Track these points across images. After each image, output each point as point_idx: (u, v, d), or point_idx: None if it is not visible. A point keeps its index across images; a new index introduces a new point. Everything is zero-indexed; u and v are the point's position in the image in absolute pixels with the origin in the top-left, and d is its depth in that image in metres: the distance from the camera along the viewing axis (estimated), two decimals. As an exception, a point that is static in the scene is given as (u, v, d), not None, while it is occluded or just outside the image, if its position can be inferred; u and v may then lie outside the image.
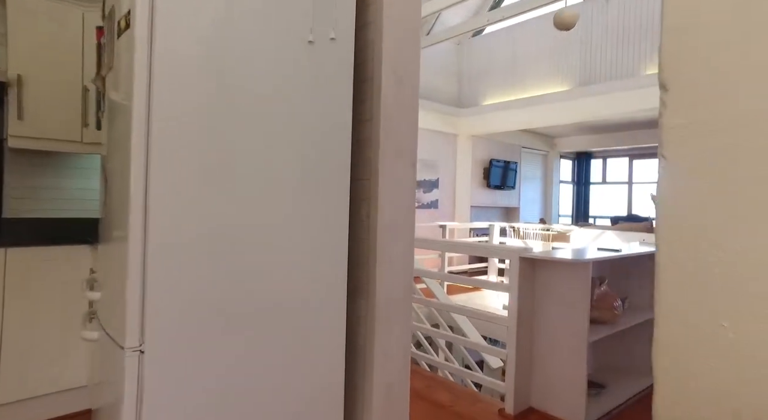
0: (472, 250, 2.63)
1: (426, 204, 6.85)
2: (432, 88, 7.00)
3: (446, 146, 7.22)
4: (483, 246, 2.59)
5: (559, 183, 9.62)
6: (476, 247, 2.67)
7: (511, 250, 2.39)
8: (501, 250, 2.52)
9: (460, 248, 2.78)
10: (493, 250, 2.55)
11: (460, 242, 2.67)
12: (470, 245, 2.75)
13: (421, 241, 3.07)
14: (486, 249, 2.63)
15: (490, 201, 8.14)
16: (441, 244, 3.05)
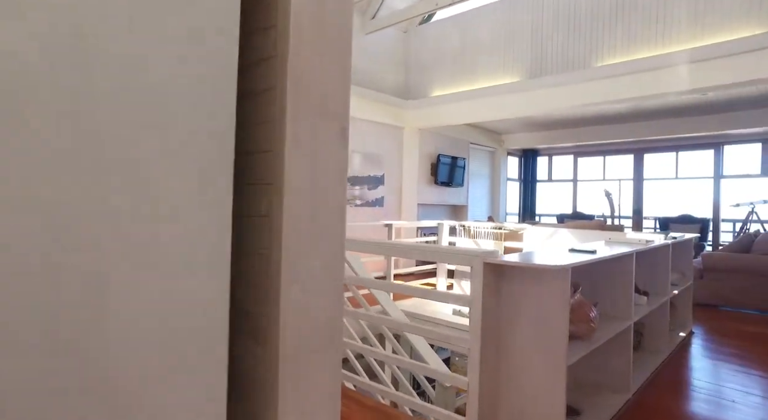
0: (426, 255, 2.16)
1: (370, 202, 6.35)
2: (377, 78, 6.52)
3: (392, 140, 6.76)
4: (439, 249, 2.13)
5: (507, 180, 9.49)
6: (431, 252, 2.19)
7: (472, 255, 1.93)
8: (460, 254, 2.05)
9: (412, 252, 2.27)
10: (451, 254, 2.07)
11: (413, 246, 2.16)
12: (424, 249, 2.27)
13: (364, 244, 2.55)
14: (443, 253, 2.15)
15: (437, 198, 7.78)
16: (389, 247, 2.54)
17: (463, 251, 2.01)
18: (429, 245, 3.38)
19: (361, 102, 6.17)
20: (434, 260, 2.06)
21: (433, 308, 4.79)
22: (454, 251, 2.06)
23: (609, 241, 3.03)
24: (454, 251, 2.06)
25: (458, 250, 2.01)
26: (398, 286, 3.06)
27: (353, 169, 6.10)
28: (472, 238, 5.49)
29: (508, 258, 1.93)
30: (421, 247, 2.23)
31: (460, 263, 2.02)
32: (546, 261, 1.92)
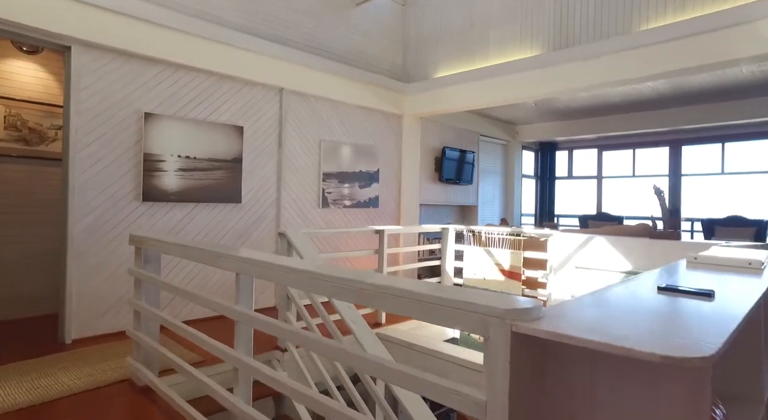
0: (374, 298, 1.17)
1: (362, 202, 5.37)
2: (370, 57, 5.54)
3: (388, 130, 5.77)
4: (416, 293, 1.15)
5: (522, 178, 8.45)
6: (389, 294, 1.19)
7: (485, 313, 0.94)
8: (456, 309, 1.04)
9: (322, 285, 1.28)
10: (439, 306, 1.04)
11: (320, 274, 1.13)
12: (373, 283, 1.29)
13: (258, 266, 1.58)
14: (425, 304, 1.12)
15: (443, 198, 6.78)
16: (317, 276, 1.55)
17: (460, 301, 1.01)
18: (388, 280, 2.29)
19: (351, 84, 5.20)
20: (405, 314, 1.08)
21: (430, 333, 3.80)
22: (443, 300, 1.05)
23: (694, 261, 2.02)
24: (443, 300, 1.05)
25: (452, 300, 1.01)
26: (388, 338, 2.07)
27: (341, 163, 5.13)
28: (483, 246, 4.49)
29: (564, 324, 0.93)
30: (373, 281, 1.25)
31: (459, 326, 1.00)
32: (646, 334, 0.91)
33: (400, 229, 4.35)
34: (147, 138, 3.63)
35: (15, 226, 3.95)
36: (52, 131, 4.10)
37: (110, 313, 3.51)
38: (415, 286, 1.13)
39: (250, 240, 4.34)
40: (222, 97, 4.13)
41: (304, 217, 4.79)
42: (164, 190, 3.73)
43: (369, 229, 3.98)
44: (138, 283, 2.55)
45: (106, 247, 3.48)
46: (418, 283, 1.19)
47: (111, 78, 3.49)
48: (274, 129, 4.53)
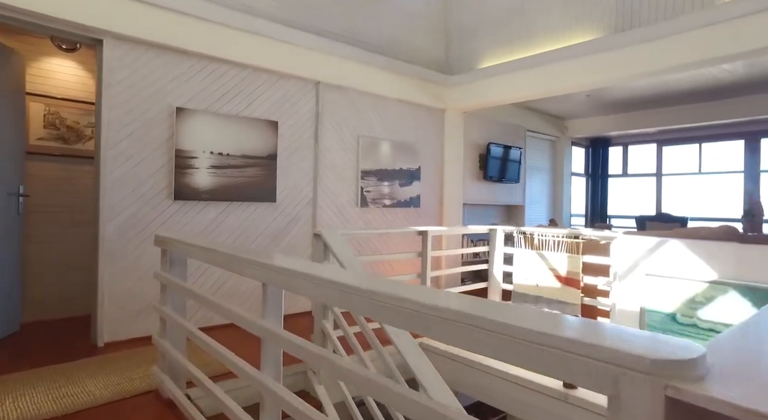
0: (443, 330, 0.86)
1: (403, 201, 5.08)
2: (411, 48, 5.23)
3: (430, 125, 5.45)
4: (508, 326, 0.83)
5: (571, 176, 7.90)
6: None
7: (620, 360, 0.62)
8: (572, 354, 0.71)
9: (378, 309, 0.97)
10: (544, 349, 0.70)
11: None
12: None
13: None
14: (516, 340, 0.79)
15: (487, 197, 6.38)
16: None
17: (575, 342, 0.68)
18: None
19: (391, 77, 4.91)
20: (487, 353, 0.77)
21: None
22: (549, 338, 0.73)
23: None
24: (549, 338, 0.73)
25: (562, 340, 0.68)
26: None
27: (381, 161, 4.85)
28: (536, 248, 4.09)
29: (754, 389, 0.59)
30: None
31: (567, 376, 0.62)
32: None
33: (444, 230, 4.03)
34: (178, 134, 3.48)
35: (52, 226, 3.90)
36: (88, 129, 4.04)
37: (142, 316, 3.38)
38: (507, 314, 0.80)
39: (285, 241, 4.13)
40: (256, 91, 3.94)
41: (342, 217, 4.54)
42: (196, 188, 3.57)
43: (411, 229, 3.68)
44: (164, 288, 2.36)
45: (138, 247, 3.35)
46: (507, 308, 0.87)
47: (143, 72, 3.36)
48: (310, 124, 4.30)
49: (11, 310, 3.45)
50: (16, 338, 3.38)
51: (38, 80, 3.83)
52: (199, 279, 3.64)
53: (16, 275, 3.49)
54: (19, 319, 3.53)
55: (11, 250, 3.42)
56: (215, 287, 3.73)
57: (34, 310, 3.79)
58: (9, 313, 3.43)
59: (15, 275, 3.48)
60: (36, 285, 3.81)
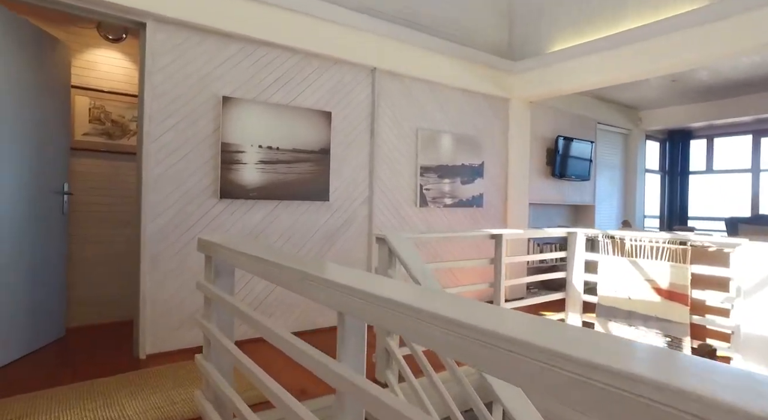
0: None
1: (465, 200, 4.59)
2: (471, 31, 4.73)
3: (493, 117, 4.93)
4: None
5: (645, 172, 7.11)
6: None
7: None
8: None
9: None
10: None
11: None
12: None
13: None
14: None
15: (555, 196, 5.77)
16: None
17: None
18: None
19: (452, 63, 4.43)
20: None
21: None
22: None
23: None
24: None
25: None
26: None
27: (441, 156, 4.39)
28: (627, 255, 3.49)
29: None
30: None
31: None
32: None
33: (520, 233, 3.51)
34: (225, 126, 3.16)
35: (98, 225, 3.71)
36: (133, 124, 3.82)
37: (186, 326, 3.08)
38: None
39: (338, 245, 3.75)
40: (307, 79, 3.58)
41: (400, 218, 4.11)
42: (243, 185, 3.24)
43: (484, 232, 3.19)
44: (208, 301, 2.00)
45: (181, 250, 3.06)
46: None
47: (187, 58, 3.07)
48: (365, 115, 3.90)
49: (58, 314, 3.26)
50: (62, 344, 3.18)
51: (84, 72, 3.64)
52: (248, 284, 3.31)
53: (63, 278, 3.30)
54: (63, 323, 3.34)
55: (58, 251, 3.22)
56: (265, 293, 3.39)
57: (78, 313, 3.60)
58: (56, 317, 3.24)
59: (62, 277, 3.28)
60: (81, 287, 3.61)
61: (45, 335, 3.12)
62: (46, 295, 3.10)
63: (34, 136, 2.97)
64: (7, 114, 2.73)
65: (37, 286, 3.01)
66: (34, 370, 2.72)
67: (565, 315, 3.89)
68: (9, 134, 2.75)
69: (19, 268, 2.85)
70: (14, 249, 2.81)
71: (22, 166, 2.86)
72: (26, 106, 2.89)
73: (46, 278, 3.10)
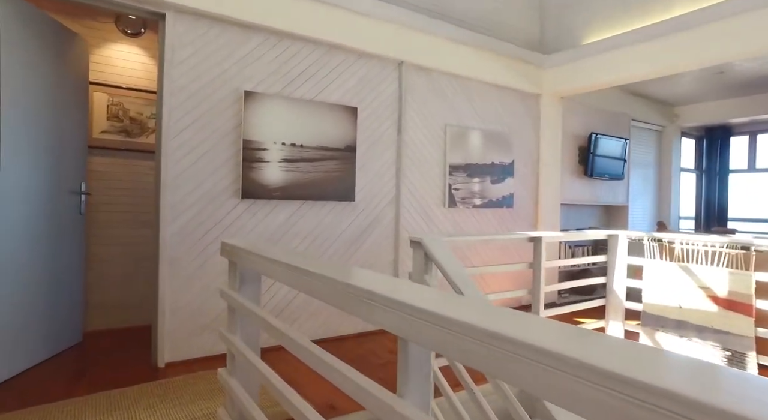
0: None
1: (494, 201, 4.35)
2: (500, 23, 4.50)
3: (524, 113, 4.69)
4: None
5: (680, 171, 6.77)
6: None
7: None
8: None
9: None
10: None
11: None
12: None
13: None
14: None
15: (587, 196, 5.49)
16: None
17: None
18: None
19: (481, 56, 4.21)
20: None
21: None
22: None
23: None
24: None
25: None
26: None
27: (470, 153, 4.17)
28: (677, 260, 3.22)
29: None
30: None
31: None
32: None
33: (560, 236, 3.27)
34: (246, 122, 3.00)
35: (116, 226, 3.58)
36: (152, 121, 3.69)
37: (207, 333, 2.92)
38: None
39: (365, 247, 3.56)
40: (332, 72, 3.40)
41: (428, 219, 3.91)
42: (266, 185, 3.07)
43: (522, 235, 2.96)
44: (232, 311, 1.83)
45: (202, 253, 2.90)
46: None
47: (207, 50, 2.91)
48: (392, 111, 3.71)
49: (75, 319, 3.13)
50: (78, 350, 3.05)
51: (102, 68, 3.52)
52: (271, 288, 3.14)
53: (81, 280, 3.18)
54: (81, 328, 3.22)
55: (76, 253, 3.10)
56: (290, 296, 3.22)
57: (96, 317, 3.47)
58: (73, 322, 3.11)
59: (79, 280, 3.16)
60: (98, 291, 3.49)
61: (62, 341, 3.00)
62: (63, 300, 2.98)
63: (51, 134, 2.84)
64: (23, 110, 2.61)
65: (55, 289, 2.89)
66: (49, 379, 2.58)
67: (605, 323, 3.64)
68: (26, 131, 2.63)
69: (35, 272, 2.72)
70: (31, 251, 2.68)
71: (39, 164, 2.73)
72: (43, 101, 2.77)
73: (63, 281, 2.98)
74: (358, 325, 3.54)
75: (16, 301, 2.58)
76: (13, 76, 2.54)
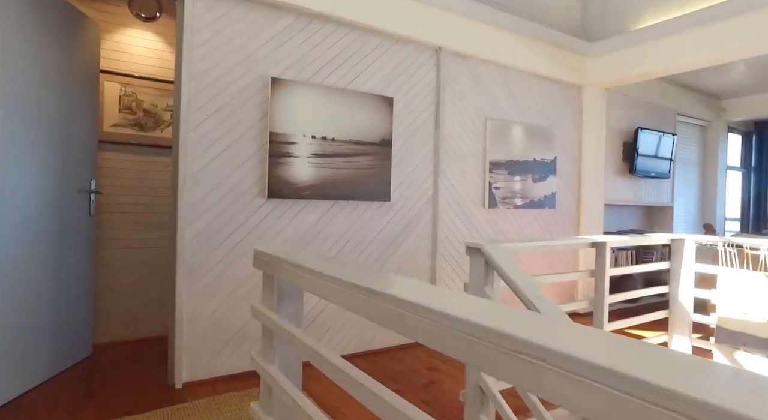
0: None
1: (535, 201, 3.99)
2: (538, 6, 4.12)
3: (565, 105, 4.31)
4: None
5: (726, 169, 6.32)
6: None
7: None
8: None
9: None
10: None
11: None
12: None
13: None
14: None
15: (631, 196, 5.09)
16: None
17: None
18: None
19: (521, 43, 3.84)
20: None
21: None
22: None
23: None
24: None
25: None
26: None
27: (512, 149, 3.81)
28: (761, 269, 2.83)
29: None
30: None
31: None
32: None
33: (625, 240, 2.89)
34: (273, 112, 2.68)
35: (129, 228, 3.29)
36: (167, 114, 3.40)
37: (229, 348, 2.61)
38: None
39: (401, 251, 3.22)
40: (366, 59, 3.07)
41: (467, 221, 3.56)
42: (294, 183, 2.75)
43: (585, 240, 2.60)
44: (267, 333, 1.50)
45: (224, 259, 2.59)
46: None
47: (230, 32, 2.60)
48: (429, 102, 3.36)
49: (84, 330, 2.85)
50: (87, 366, 2.76)
51: (113, 55, 3.24)
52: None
53: (91, 288, 2.89)
54: (91, 340, 2.93)
55: (85, 258, 2.81)
56: (319, 307, 2.90)
57: (107, 327, 3.19)
58: (82, 334, 2.83)
59: (89, 288, 2.87)
60: (110, 298, 3.20)
61: (70, 356, 2.71)
62: (72, 310, 2.69)
63: (58, 126, 2.55)
64: (27, 100, 2.32)
65: (63, 299, 2.60)
66: (54, 402, 2.29)
67: (668, 337, 3.25)
68: (31, 124, 2.34)
69: (41, 279, 2.43)
70: (36, 256, 2.39)
71: (45, 160, 2.45)
72: (50, 91, 2.48)
73: (72, 290, 2.69)
74: (389, 339, 3.20)
75: (20, 314, 2.29)
76: (14, 62, 2.25)
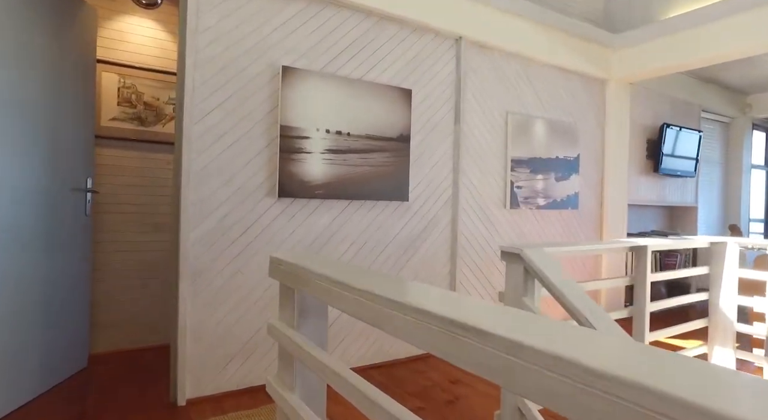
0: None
1: (558, 201, 3.76)
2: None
3: (588, 100, 4.08)
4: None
5: (750, 168, 6.08)
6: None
7: None
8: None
9: None
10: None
11: None
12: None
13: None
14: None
15: (655, 196, 4.86)
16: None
17: None
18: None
19: (543, 34, 3.62)
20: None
21: None
22: None
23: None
24: None
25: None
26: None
27: (534, 146, 3.58)
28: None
29: None
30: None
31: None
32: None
33: (666, 244, 2.66)
34: (284, 104, 2.46)
35: (128, 230, 3.08)
36: (169, 107, 3.18)
37: (236, 361, 2.39)
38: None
39: (420, 253, 3.00)
40: (383, 48, 2.85)
41: (488, 223, 3.33)
42: (307, 181, 2.53)
43: (625, 243, 2.38)
44: (285, 355, 1.29)
45: (232, 263, 2.37)
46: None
47: (238, 17, 2.38)
48: (449, 95, 3.14)
49: (80, 341, 2.64)
50: (82, 380, 2.55)
51: (111, 44, 3.03)
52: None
53: (87, 294, 2.68)
54: (86, 351, 2.72)
55: (79, 261, 2.60)
56: (332, 317, 2.68)
57: (103, 336, 2.98)
58: (78, 345, 2.62)
59: (85, 294, 2.66)
60: (107, 305, 2.99)
61: (64, 369, 2.50)
62: (65, 319, 2.48)
63: (51, 120, 2.34)
64: (17, 91, 2.11)
65: (54, 307, 2.39)
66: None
67: (707, 348, 3.02)
68: (20, 117, 2.13)
69: (33, 286, 2.22)
70: (28, 260, 2.18)
71: (37, 157, 2.24)
72: (42, 82, 2.27)
73: (66, 297, 2.48)
74: (405, 349, 2.99)
75: (7, 324, 2.08)
76: (2, 48, 2.04)
